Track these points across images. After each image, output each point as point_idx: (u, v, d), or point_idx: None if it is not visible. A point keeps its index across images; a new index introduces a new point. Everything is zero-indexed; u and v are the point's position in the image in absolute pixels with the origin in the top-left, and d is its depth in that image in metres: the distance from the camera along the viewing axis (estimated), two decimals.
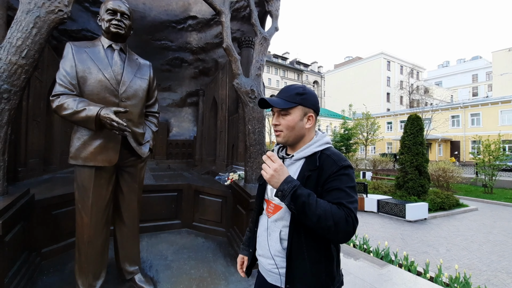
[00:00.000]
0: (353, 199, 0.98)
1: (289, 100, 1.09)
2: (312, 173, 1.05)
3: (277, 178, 0.97)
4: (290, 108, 1.10)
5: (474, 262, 4.75)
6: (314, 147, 1.11)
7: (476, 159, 13.01)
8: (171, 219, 3.64)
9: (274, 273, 1.12)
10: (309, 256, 1.04)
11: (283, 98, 1.11)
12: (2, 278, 1.76)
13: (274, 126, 1.14)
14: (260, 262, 1.20)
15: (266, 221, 1.18)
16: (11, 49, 1.87)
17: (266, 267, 1.15)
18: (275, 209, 1.15)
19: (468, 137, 25.83)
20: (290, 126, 1.11)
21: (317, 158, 1.08)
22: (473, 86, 46.50)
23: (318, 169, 1.05)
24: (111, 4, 1.97)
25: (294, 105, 1.10)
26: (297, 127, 1.11)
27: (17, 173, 2.96)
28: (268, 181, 0.99)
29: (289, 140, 1.14)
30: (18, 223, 2.08)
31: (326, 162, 1.05)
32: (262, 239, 1.18)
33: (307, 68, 60.08)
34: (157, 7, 4.52)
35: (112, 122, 1.69)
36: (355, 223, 0.94)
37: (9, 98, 1.91)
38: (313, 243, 1.04)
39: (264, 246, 1.16)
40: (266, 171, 0.99)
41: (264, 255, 1.16)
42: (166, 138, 5.94)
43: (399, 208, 7.68)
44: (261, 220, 1.25)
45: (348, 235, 0.94)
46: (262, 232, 1.20)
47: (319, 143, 1.13)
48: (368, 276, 3.09)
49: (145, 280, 2.23)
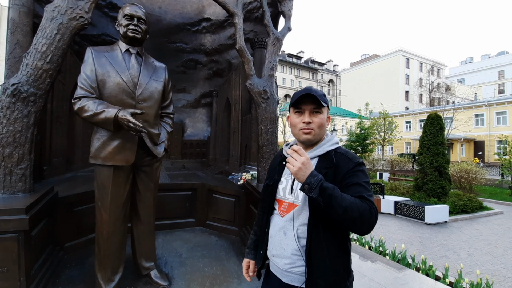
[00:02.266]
0: (371, 193, 1.05)
1: (322, 100, 1.13)
2: (329, 170, 1.09)
3: (304, 171, 0.97)
4: (323, 107, 1.15)
5: (498, 268, 4.52)
6: (327, 146, 1.17)
7: (502, 160, 12.38)
8: (185, 218, 3.72)
9: (291, 272, 1.12)
10: (328, 252, 1.06)
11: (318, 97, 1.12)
12: (28, 270, 1.86)
13: (305, 124, 1.14)
14: (275, 263, 1.19)
15: (280, 221, 1.18)
16: (36, 54, 1.99)
17: (282, 267, 1.14)
18: (289, 208, 1.16)
19: (493, 137, 24.56)
20: (322, 124, 1.16)
21: (332, 156, 1.13)
22: (499, 83, 44.07)
23: (335, 166, 1.10)
24: (128, 9, 2.05)
25: (325, 105, 1.15)
26: (325, 126, 1.18)
27: (42, 172, 3.12)
28: (294, 174, 0.99)
29: (317, 138, 1.18)
30: (43, 219, 2.20)
31: (342, 159, 1.11)
32: (277, 239, 1.17)
33: (322, 67, 59.30)
34: (172, 11, 4.62)
35: (129, 123, 1.76)
36: (377, 214, 1.00)
37: (35, 101, 2.03)
38: (332, 239, 1.08)
39: (279, 246, 1.16)
40: (293, 164, 0.98)
41: (280, 255, 1.15)
42: (181, 138, 6.07)
43: (417, 210, 7.43)
44: (273, 220, 1.24)
45: (371, 226, 0.99)
46: (276, 232, 1.19)
47: (331, 142, 1.18)
48: (384, 280, 3.02)
49: (160, 276, 2.30)
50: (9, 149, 1.96)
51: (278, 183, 1.25)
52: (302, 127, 1.15)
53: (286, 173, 1.25)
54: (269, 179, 1.32)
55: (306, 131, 1.15)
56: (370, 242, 4.64)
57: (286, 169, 1.25)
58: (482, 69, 46.47)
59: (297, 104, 1.16)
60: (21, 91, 1.94)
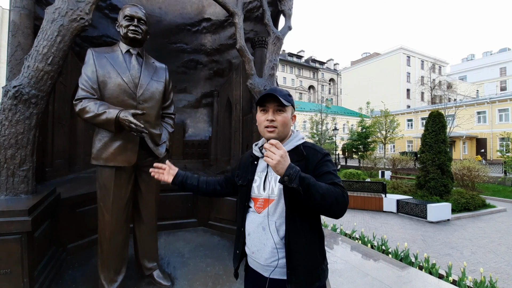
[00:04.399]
0: (340, 179, 1.15)
1: (285, 100, 1.20)
2: (300, 163, 1.16)
3: (283, 164, 1.01)
4: (287, 106, 1.22)
5: (502, 265, 4.50)
6: (295, 141, 1.26)
7: (505, 157, 12.33)
8: (187, 218, 3.73)
9: (272, 266, 1.16)
10: (306, 239, 1.15)
11: (280, 96, 1.18)
12: (32, 271, 1.87)
13: (269, 121, 1.21)
14: (254, 259, 1.22)
15: (257, 217, 1.23)
16: (38, 56, 1.99)
17: (264, 262, 1.18)
18: (265, 204, 1.22)
19: (496, 134, 24.45)
20: (285, 122, 1.22)
21: (301, 149, 1.22)
22: (501, 80, 43.80)
23: (305, 159, 1.19)
24: (128, 10, 2.05)
25: (289, 104, 1.22)
26: (289, 124, 1.25)
27: (45, 173, 3.13)
28: (274, 166, 1.01)
29: (281, 136, 1.24)
30: (46, 220, 2.21)
31: (310, 152, 1.21)
32: (256, 236, 1.21)
33: (322, 65, 59.20)
34: (173, 11, 4.62)
35: (130, 124, 1.77)
36: (348, 198, 1.10)
37: (36, 102, 2.04)
38: (308, 227, 1.17)
39: (259, 242, 1.20)
40: (272, 157, 1.01)
41: (260, 250, 1.19)
42: (182, 139, 6.06)
43: (420, 208, 7.41)
44: (249, 217, 1.28)
45: (345, 209, 1.08)
46: (254, 229, 1.22)
47: (297, 138, 1.28)
48: (387, 278, 3.02)
49: (163, 276, 2.30)
50: (12, 151, 1.97)
51: (252, 182, 1.29)
52: (266, 125, 1.22)
53: (259, 171, 1.30)
54: (242, 179, 1.35)
55: (270, 130, 1.21)
56: (373, 240, 4.63)
57: (258, 167, 1.31)
58: (484, 66, 46.20)
59: (262, 102, 1.23)
60: (22, 93, 1.95)
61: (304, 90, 54.97)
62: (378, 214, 8.11)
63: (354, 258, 3.56)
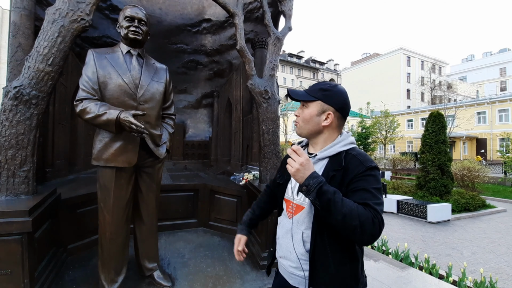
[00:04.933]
0: (379, 201, 0.95)
1: (311, 94, 1.13)
2: (337, 173, 1.02)
3: (302, 172, 0.93)
4: (310, 102, 1.13)
5: (502, 266, 4.50)
6: (338, 147, 1.09)
7: (505, 158, 12.33)
8: (188, 218, 3.72)
9: (297, 275, 1.09)
10: (333, 258, 1.01)
11: (306, 92, 1.15)
12: (32, 272, 1.87)
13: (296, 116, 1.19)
14: (281, 264, 1.18)
15: (288, 222, 1.16)
16: (38, 57, 1.99)
17: (288, 270, 1.13)
18: (296, 209, 1.13)
19: (496, 134, 24.44)
20: (305, 119, 1.13)
21: (342, 157, 1.05)
22: (501, 80, 43.77)
23: (343, 169, 1.02)
24: (129, 11, 2.06)
25: (313, 99, 1.11)
26: (312, 121, 1.11)
27: (45, 174, 3.13)
28: (293, 175, 0.95)
29: (303, 132, 1.17)
30: (46, 221, 2.21)
31: (352, 162, 1.03)
32: (285, 241, 1.15)
33: (322, 66, 59.22)
34: (173, 12, 4.63)
35: (131, 124, 1.77)
36: (381, 225, 0.91)
37: (37, 103, 2.04)
38: (337, 244, 1.02)
39: (286, 248, 1.13)
40: (292, 165, 0.95)
41: (286, 257, 1.13)
42: (183, 139, 6.07)
43: (420, 208, 7.41)
44: (281, 222, 1.22)
45: (373, 237, 0.90)
46: (284, 234, 1.16)
47: (343, 142, 1.10)
48: (387, 279, 3.02)
49: (163, 276, 2.30)
50: (12, 152, 1.97)
51: (288, 182, 1.21)
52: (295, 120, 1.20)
53: None
54: (281, 177, 1.28)
55: (295, 124, 1.19)
56: None
57: None
58: (484, 67, 46.19)
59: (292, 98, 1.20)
60: (23, 94, 1.95)
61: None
62: None
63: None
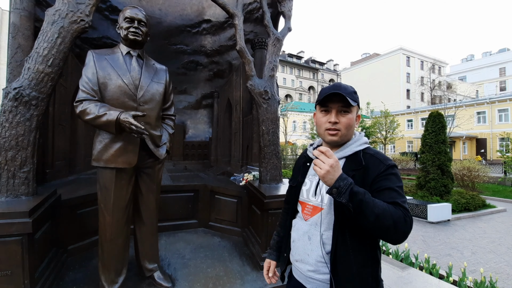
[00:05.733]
0: (405, 199, 0.97)
1: (352, 98, 1.04)
2: (357, 173, 1.02)
3: (332, 174, 0.91)
4: (353, 106, 1.07)
5: (502, 266, 4.50)
6: (354, 147, 1.09)
7: (505, 157, 12.34)
8: (188, 219, 3.72)
9: (315, 279, 1.06)
10: (355, 260, 1.00)
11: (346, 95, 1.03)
12: (32, 273, 1.87)
13: (331, 124, 1.06)
14: (298, 268, 1.14)
15: (304, 225, 1.13)
16: (38, 58, 2.00)
17: (306, 274, 1.09)
18: (313, 211, 1.10)
19: (496, 134, 24.45)
20: (350, 125, 1.07)
21: (361, 157, 1.05)
22: (501, 80, 43.81)
23: (363, 168, 1.02)
24: (128, 12, 2.06)
25: (355, 104, 1.06)
26: (353, 127, 1.10)
27: (45, 175, 3.13)
28: (322, 177, 0.92)
29: (344, 139, 1.09)
30: (46, 222, 2.21)
31: (372, 161, 1.03)
32: (301, 244, 1.12)
33: (322, 66, 59.27)
34: (173, 13, 4.63)
35: (131, 125, 1.77)
36: (412, 222, 0.93)
37: (37, 104, 2.04)
38: (359, 246, 1.01)
39: (303, 252, 1.10)
40: (321, 166, 0.92)
41: (303, 260, 1.10)
42: (183, 140, 6.07)
43: (420, 209, 7.41)
44: (296, 224, 1.19)
45: (405, 235, 0.91)
46: (300, 237, 1.13)
47: (359, 142, 1.10)
48: (387, 279, 3.01)
49: (163, 277, 2.30)
50: (12, 153, 1.97)
51: (302, 184, 1.19)
52: (328, 127, 1.07)
53: (310, 174, 1.19)
54: (293, 180, 1.27)
55: (332, 132, 1.07)
56: None
57: (310, 170, 1.19)
58: (484, 67, 46.24)
59: (324, 102, 1.08)
60: (23, 95, 1.95)
61: (304, 90, 55.00)
62: None
63: None
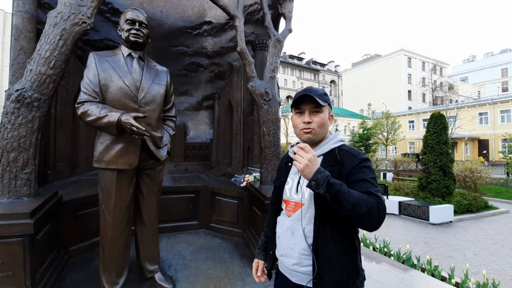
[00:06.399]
0: (378, 189, 1.04)
1: (321, 99, 1.14)
2: (333, 168, 1.10)
3: (310, 168, 0.98)
4: (324, 106, 1.15)
5: (505, 267, 4.47)
6: (331, 144, 1.18)
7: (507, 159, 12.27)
8: (189, 220, 3.73)
9: (299, 272, 1.12)
10: (335, 250, 1.07)
11: (316, 96, 1.12)
12: (34, 274, 1.88)
13: (305, 124, 1.16)
14: (283, 263, 1.20)
15: (287, 221, 1.19)
16: (40, 60, 2.01)
17: (290, 267, 1.14)
18: (295, 207, 1.17)
19: (498, 135, 24.35)
20: (322, 123, 1.16)
21: (336, 153, 1.14)
22: (503, 81, 43.63)
23: (339, 163, 1.11)
24: (130, 14, 2.07)
25: (325, 104, 1.16)
26: (326, 125, 1.19)
27: (47, 176, 3.15)
28: (301, 170, 0.99)
29: (318, 137, 1.18)
30: (48, 223, 2.22)
31: (346, 156, 1.12)
32: (285, 239, 1.18)
33: (323, 67, 59.25)
34: (174, 14, 4.66)
35: (132, 127, 1.77)
36: (385, 209, 1.00)
37: (39, 106, 2.05)
38: (338, 236, 1.08)
39: (287, 246, 1.16)
40: (300, 161, 0.99)
41: (288, 254, 1.15)
42: (184, 141, 6.09)
43: (422, 210, 7.38)
44: (280, 221, 1.25)
45: (380, 222, 0.98)
46: (284, 232, 1.20)
47: (334, 140, 1.20)
48: (389, 281, 3.00)
49: (164, 279, 2.30)
50: (14, 154, 1.98)
51: (285, 184, 1.26)
52: (303, 127, 1.17)
53: (292, 173, 1.26)
54: (277, 181, 1.34)
55: (306, 131, 1.16)
56: (375, 243, 4.61)
57: (292, 169, 1.26)
58: (485, 67, 46.08)
59: (297, 104, 1.18)
60: (25, 97, 1.96)
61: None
62: None
63: None
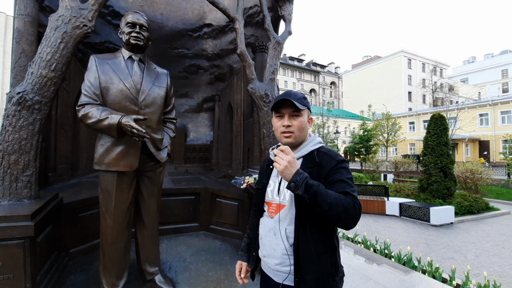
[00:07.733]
0: (354, 189, 1.08)
1: (300, 103, 1.16)
2: (312, 170, 1.13)
3: (290, 169, 1.00)
4: (303, 110, 1.18)
5: (506, 269, 4.46)
6: (310, 146, 1.21)
7: (508, 160, 12.24)
8: (189, 222, 3.73)
9: (281, 271, 1.14)
10: (315, 249, 1.10)
11: (295, 101, 1.15)
12: (34, 276, 1.88)
13: (285, 127, 1.18)
14: (266, 263, 1.22)
15: (269, 222, 1.22)
16: (41, 63, 2.02)
17: (273, 267, 1.17)
18: (277, 209, 1.20)
19: (498, 136, 24.32)
20: (302, 127, 1.19)
21: (315, 155, 1.18)
22: (503, 82, 43.66)
23: (318, 165, 1.14)
24: (130, 17, 2.08)
25: (304, 108, 1.18)
26: (305, 128, 1.21)
27: (47, 178, 3.15)
28: (281, 172, 1.02)
29: (298, 140, 1.21)
30: (48, 225, 2.22)
31: (324, 158, 1.16)
32: (267, 240, 1.20)
33: (323, 69, 59.35)
34: (174, 17, 4.68)
35: (132, 129, 1.78)
36: (361, 208, 1.05)
37: (40, 108, 2.06)
38: (318, 235, 1.12)
39: (270, 247, 1.18)
40: (280, 163, 1.01)
41: (270, 255, 1.18)
42: (184, 143, 6.09)
43: (422, 211, 7.37)
44: (263, 222, 1.28)
45: (356, 220, 1.02)
46: (266, 233, 1.22)
47: (313, 142, 1.23)
48: (390, 283, 2.99)
49: (164, 281, 2.30)
50: (15, 157, 1.99)
51: (267, 186, 1.29)
52: (283, 130, 1.19)
53: (273, 175, 1.29)
54: (259, 183, 1.36)
55: (286, 135, 1.19)
56: (376, 244, 4.60)
57: (273, 172, 1.29)
58: (486, 68, 46.14)
59: (277, 108, 1.20)
60: (26, 99, 1.98)
61: (306, 93, 55.13)
62: (381, 218, 8.06)
63: (357, 262, 3.53)
